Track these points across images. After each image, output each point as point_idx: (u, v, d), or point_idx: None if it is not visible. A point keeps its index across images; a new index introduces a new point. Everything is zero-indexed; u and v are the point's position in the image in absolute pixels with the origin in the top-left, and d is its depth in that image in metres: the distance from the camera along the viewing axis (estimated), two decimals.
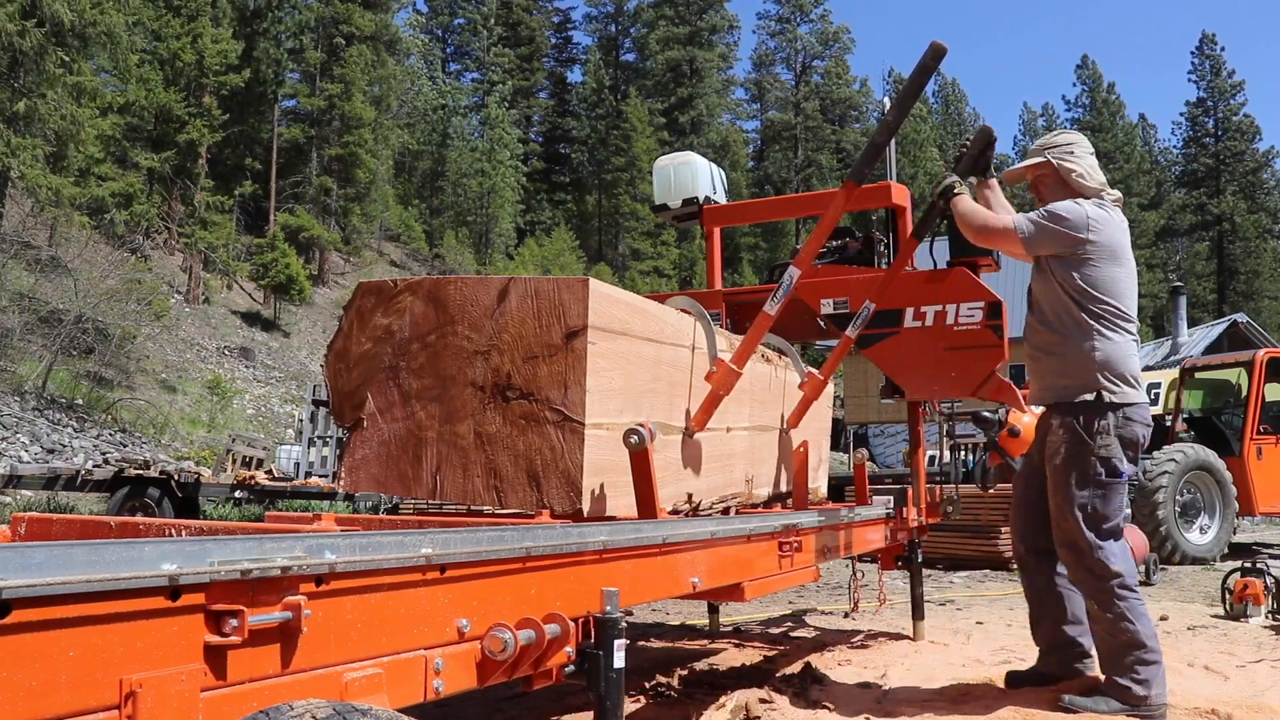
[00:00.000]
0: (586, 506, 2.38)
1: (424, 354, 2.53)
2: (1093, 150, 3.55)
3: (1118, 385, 3.28)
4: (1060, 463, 3.31)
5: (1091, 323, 3.30)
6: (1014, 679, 3.67)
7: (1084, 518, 3.25)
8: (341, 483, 2.61)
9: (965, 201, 3.54)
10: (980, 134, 3.72)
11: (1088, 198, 3.41)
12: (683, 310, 3.08)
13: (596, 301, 2.42)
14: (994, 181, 3.72)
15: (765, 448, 3.92)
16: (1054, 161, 3.47)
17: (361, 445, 2.57)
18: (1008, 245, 3.47)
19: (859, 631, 5.36)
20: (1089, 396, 3.27)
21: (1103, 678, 3.32)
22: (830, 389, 4.91)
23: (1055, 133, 3.63)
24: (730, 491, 3.46)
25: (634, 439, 2.40)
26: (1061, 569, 3.52)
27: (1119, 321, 3.32)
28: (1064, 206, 3.35)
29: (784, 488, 4.17)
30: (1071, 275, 3.32)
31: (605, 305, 2.49)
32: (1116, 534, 3.31)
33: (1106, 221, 3.35)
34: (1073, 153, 3.47)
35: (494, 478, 2.44)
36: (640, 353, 2.70)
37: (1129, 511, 8.54)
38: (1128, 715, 3.16)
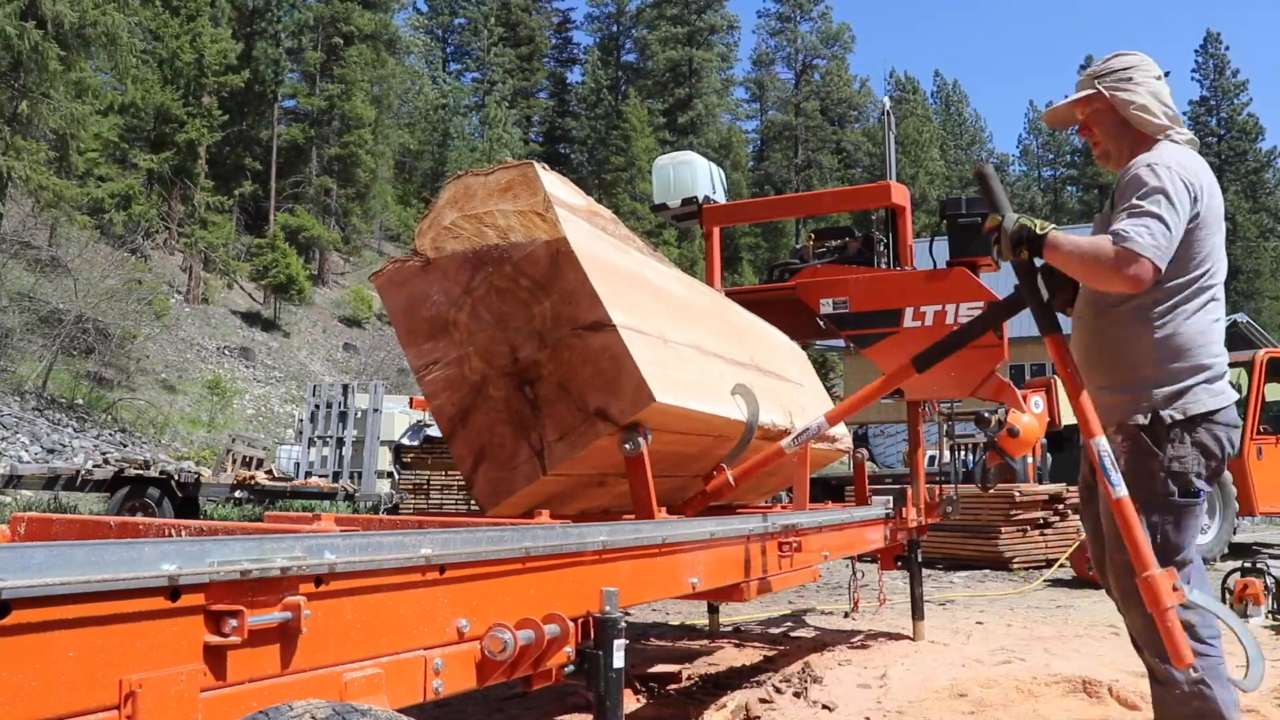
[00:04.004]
0: None
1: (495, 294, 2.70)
2: (1161, 74, 2.63)
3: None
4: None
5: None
6: None
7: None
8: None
9: (1060, 239, 2.43)
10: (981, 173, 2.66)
11: (1153, 138, 2.56)
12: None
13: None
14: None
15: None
16: (1107, 93, 2.59)
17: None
18: (1138, 275, 2.31)
19: (859, 631, 5.35)
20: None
21: None
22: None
23: (1111, 56, 2.67)
24: None
25: (629, 445, 2.42)
26: None
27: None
28: (1153, 177, 2.38)
29: None
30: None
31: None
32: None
33: (1205, 176, 2.49)
34: (1130, 79, 2.57)
35: None
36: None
37: None
38: None
